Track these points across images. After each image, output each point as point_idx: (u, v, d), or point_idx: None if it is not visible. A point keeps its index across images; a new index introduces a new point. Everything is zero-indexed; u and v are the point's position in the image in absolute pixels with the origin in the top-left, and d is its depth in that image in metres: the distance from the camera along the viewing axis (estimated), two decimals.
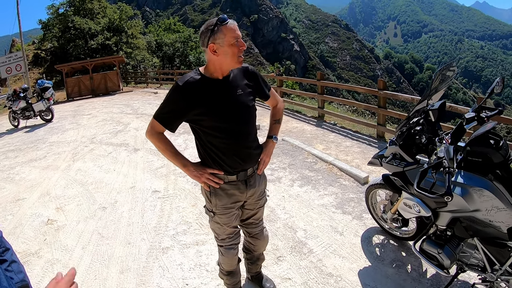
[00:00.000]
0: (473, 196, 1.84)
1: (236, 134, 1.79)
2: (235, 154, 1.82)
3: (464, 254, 2.10)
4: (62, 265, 3.12)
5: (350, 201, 3.88)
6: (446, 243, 2.07)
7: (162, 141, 1.86)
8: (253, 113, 1.89)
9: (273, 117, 2.15)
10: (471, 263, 2.10)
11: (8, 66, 18.69)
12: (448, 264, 2.02)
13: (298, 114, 9.03)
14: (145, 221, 3.79)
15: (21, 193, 5.00)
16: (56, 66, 20.88)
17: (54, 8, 29.12)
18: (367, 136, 6.50)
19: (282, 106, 2.17)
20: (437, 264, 2.08)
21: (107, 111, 12.20)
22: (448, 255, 2.02)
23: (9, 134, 10.24)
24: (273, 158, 5.49)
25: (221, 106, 1.73)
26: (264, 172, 2.13)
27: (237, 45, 1.68)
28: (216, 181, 1.85)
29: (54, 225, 3.91)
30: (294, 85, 24.54)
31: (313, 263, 2.82)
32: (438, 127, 2.24)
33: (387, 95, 6.26)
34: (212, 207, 1.95)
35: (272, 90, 2.08)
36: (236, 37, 1.67)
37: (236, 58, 1.70)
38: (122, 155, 6.36)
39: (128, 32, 29.63)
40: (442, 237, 2.13)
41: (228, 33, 1.65)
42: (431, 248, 2.11)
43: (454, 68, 2.39)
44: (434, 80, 2.24)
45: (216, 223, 2.00)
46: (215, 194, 1.90)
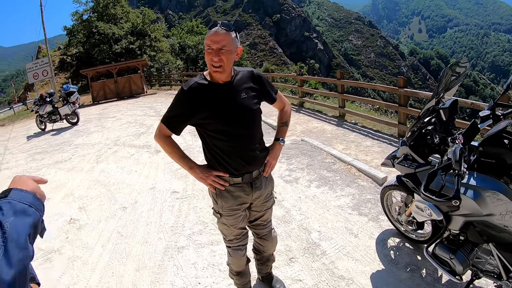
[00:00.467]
0: (486, 199, 1.77)
1: (240, 137, 1.81)
2: (239, 157, 1.84)
3: (479, 260, 2.01)
4: (82, 262, 3.26)
5: (367, 202, 3.82)
6: (459, 248, 1.99)
7: (170, 144, 1.91)
8: (258, 116, 1.91)
9: (281, 120, 2.16)
10: (486, 270, 2.00)
11: (35, 71, 19.46)
12: (461, 270, 1.94)
13: (319, 113, 8.94)
14: (163, 221, 3.88)
15: (46, 194, 5.14)
16: (82, 70, 21.59)
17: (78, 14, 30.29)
18: (388, 135, 6.35)
19: (289, 109, 2.17)
20: (449, 270, 2.00)
21: (131, 113, 12.53)
22: (461, 261, 1.94)
23: (36, 137, 10.70)
24: (292, 159, 5.48)
25: (224, 110, 1.76)
26: (271, 174, 2.14)
27: (209, 53, 1.70)
28: (222, 183, 1.88)
29: (76, 224, 4.08)
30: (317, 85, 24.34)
31: (325, 265, 2.80)
32: (452, 126, 2.16)
33: (407, 93, 6.09)
34: (219, 209, 1.98)
35: (279, 93, 2.09)
36: (208, 45, 1.69)
37: (210, 67, 1.73)
38: (144, 157, 6.52)
39: (152, 36, 30.34)
40: (455, 241, 2.05)
41: (206, 39, 1.70)
42: (443, 253, 2.03)
43: (465, 64, 2.29)
44: (443, 77, 2.16)
45: (223, 224, 2.03)
46: (221, 196, 1.93)
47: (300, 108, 9.89)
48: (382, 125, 6.85)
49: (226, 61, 1.69)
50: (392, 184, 2.83)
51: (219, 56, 1.67)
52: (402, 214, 2.77)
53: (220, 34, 1.66)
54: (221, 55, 1.67)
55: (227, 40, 1.67)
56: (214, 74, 1.75)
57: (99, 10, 30.13)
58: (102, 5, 30.01)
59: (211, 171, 1.88)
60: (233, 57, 1.72)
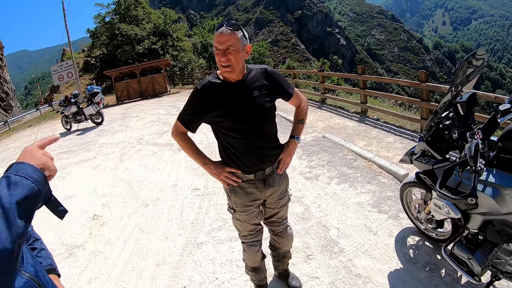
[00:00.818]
0: (506, 197, 1.70)
1: (253, 134, 1.83)
2: (251, 154, 1.87)
3: (499, 260, 1.94)
4: (104, 256, 3.39)
5: (387, 200, 3.76)
6: (478, 248, 1.92)
7: (185, 140, 1.97)
8: (271, 114, 1.92)
9: (297, 117, 2.15)
10: (506, 271, 1.93)
11: (60, 74, 20.14)
12: (479, 271, 1.88)
13: (341, 110, 8.83)
14: (183, 217, 3.96)
15: (71, 191, 5.44)
16: (105, 71, 22.20)
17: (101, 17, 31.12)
18: (410, 131, 6.20)
19: (306, 106, 2.15)
20: (467, 271, 1.94)
21: (154, 112, 12.78)
22: (479, 261, 1.87)
23: (62, 137, 11.05)
24: (312, 156, 5.46)
25: (237, 108, 1.79)
26: (285, 172, 2.14)
27: (216, 54, 1.73)
28: (234, 179, 1.91)
29: (100, 221, 4.23)
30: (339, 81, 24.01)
31: (342, 262, 2.78)
32: (471, 121, 2.09)
33: (429, 87, 5.93)
34: (233, 204, 2.02)
35: (296, 90, 2.08)
36: (215, 46, 1.72)
37: (219, 66, 1.76)
38: (167, 155, 6.65)
39: (174, 36, 30.77)
40: (474, 241, 1.98)
41: (215, 40, 1.72)
42: (461, 252, 1.98)
43: (483, 56, 2.19)
44: (459, 70, 2.08)
45: (237, 220, 2.07)
46: (234, 192, 1.97)
47: (322, 105, 9.81)
48: (404, 120, 6.70)
49: (234, 60, 1.71)
50: (412, 181, 2.77)
51: (227, 56, 1.69)
52: (422, 212, 2.71)
53: (226, 34, 1.68)
54: (228, 55, 1.69)
55: (233, 39, 1.69)
56: (224, 73, 1.78)
57: (121, 12, 30.83)
58: (123, 7, 30.70)
59: (224, 167, 1.92)
60: (241, 56, 1.74)
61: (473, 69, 2.16)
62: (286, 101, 2.05)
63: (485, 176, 1.79)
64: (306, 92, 11.85)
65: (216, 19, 52.24)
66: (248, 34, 1.80)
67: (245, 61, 1.83)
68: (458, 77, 2.09)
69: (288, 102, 2.08)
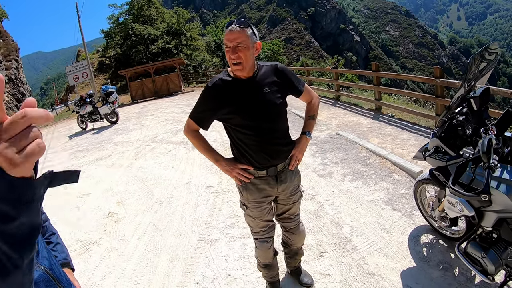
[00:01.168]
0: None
1: (264, 131, 1.85)
2: (263, 151, 1.88)
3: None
4: (118, 253, 3.47)
5: (401, 197, 3.72)
6: (492, 247, 1.89)
7: (197, 138, 1.99)
8: (282, 110, 1.93)
9: (308, 113, 2.15)
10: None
11: (75, 74, 20.48)
12: (493, 270, 1.85)
13: (355, 107, 8.75)
14: (197, 215, 4.02)
15: (87, 189, 5.57)
16: (120, 71, 22.45)
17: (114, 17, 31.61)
18: (425, 128, 6.11)
19: (317, 102, 2.15)
20: (481, 270, 1.91)
21: (168, 111, 12.91)
22: (493, 260, 1.84)
23: (78, 136, 11.33)
24: (326, 153, 5.45)
25: (247, 105, 1.81)
26: (297, 168, 2.15)
27: (227, 52, 1.76)
28: (247, 176, 1.93)
29: (114, 217, 4.32)
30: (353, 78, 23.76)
31: (355, 260, 2.78)
32: (486, 116, 2.05)
33: (444, 83, 5.81)
34: (245, 201, 2.04)
35: (307, 86, 2.08)
36: (225, 43, 1.75)
37: (230, 64, 1.78)
38: (181, 153, 6.73)
39: (187, 35, 31.01)
40: (488, 239, 1.95)
41: (225, 38, 1.75)
42: (474, 251, 1.95)
43: (496, 50, 2.13)
44: (472, 64, 2.03)
45: (249, 216, 2.09)
46: (246, 188, 1.99)
47: (336, 102, 9.74)
48: (419, 117, 6.60)
49: (244, 57, 1.73)
50: (425, 178, 2.74)
51: (236, 53, 1.71)
52: (435, 210, 2.68)
53: (235, 32, 1.71)
54: (238, 52, 1.71)
55: (243, 37, 1.71)
56: (235, 71, 1.80)
57: (134, 12, 31.24)
58: (136, 8, 31.09)
59: (236, 164, 1.94)
60: (251, 53, 1.75)
61: (486, 63, 2.11)
62: (296, 97, 2.06)
63: (499, 173, 1.75)
64: (320, 90, 11.78)
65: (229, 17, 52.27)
66: (261, 32, 1.82)
67: (255, 58, 1.84)
68: (471, 72, 2.04)
69: (299, 98, 2.09)
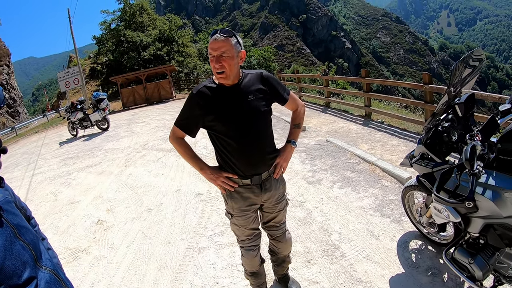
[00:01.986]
0: (506, 200, 1.67)
1: (248, 138, 1.84)
2: (246, 159, 1.87)
3: (501, 265, 1.89)
4: (107, 261, 3.41)
5: (390, 203, 3.72)
6: (479, 253, 1.88)
7: (182, 145, 1.98)
8: (266, 117, 1.92)
9: (293, 122, 2.14)
10: (509, 275, 1.88)
11: (67, 80, 20.27)
12: (480, 276, 1.84)
13: (345, 113, 8.81)
14: (186, 222, 3.97)
15: (76, 196, 5.50)
16: (111, 78, 22.31)
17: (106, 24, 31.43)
18: (415, 133, 6.16)
19: (303, 110, 2.14)
20: (469, 275, 1.90)
21: (159, 118, 12.85)
22: (480, 266, 1.84)
23: (68, 143, 11.21)
24: (315, 160, 5.45)
25: (232, 112, 1.79)
26: (282, 176, 2.14)
27: (211, 61, 1.75)
28: (231, 185, 1.91)
29: (104, 225, 4.26)
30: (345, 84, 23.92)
31: (343, 267, 2.76)
32: (472, 122, 2.06)
33: (432, 89, 5.88)
34: (230, 209, 2.02)
35: (292, 94, 2.08)
36: (210, 53, 1.74)
37: (214, 72, 1.78)
38: (171, 160, 6.67)
39: (179, 41, 30.98)
40: (475, 245, 1.95)
41: (209, 47, 1.74)
42: (462, 257, 1.94)
43: (479, 56, 2.15)
44: (456, 70, 2.05)
45: (235, 225, 2.07)
46: (231, 197, 1.97)
47: (326, 109, 9.80)
48: (408, 123, 6.66)
49: (228, 66, 1.73)
50: (413, 185, 2.74)
51: (220, 63, 1.71)
52: (423, 216, 2.68)
53: (219, 41, 1.70)
54: (222, 62, 1.71)
55: (227, 46, 1.71)
56: (219, 79, 1.80)
57: (126, 18, 31.13)
58: (129, 14, 31.00)
59: (221, 173, 1.92)
60: (235, 62, 1.75)
61: (471, 70, 2.13)
62: (282, 105, 2.05)
63: (484, 179, 1.76)
64: (311, 96, 11.85)
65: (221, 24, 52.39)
66: (253, 39, 1.82)
67: (240, 66, 1.84)
68: (455, 78, 2.06)
69: (285, 107, 2.08)
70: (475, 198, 1.74)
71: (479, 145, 1.77)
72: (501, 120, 1.95)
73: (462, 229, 2.06)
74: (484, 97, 4.91)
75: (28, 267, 0.96)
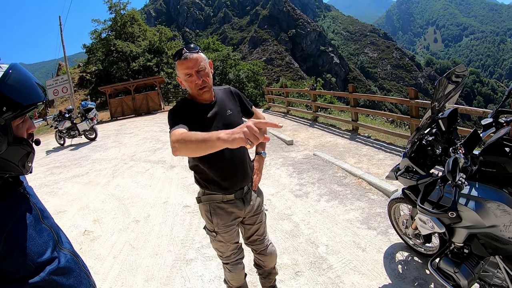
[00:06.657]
0: (488, 210, 1.73)
1: (233, 153, 1.85)
2: (234, 173, 1.90)
3: (486, 273, 1.95)
4: (94, 272, 3.32)
5: (377, 216, 3.77)
6: (464, 262, 1.93)
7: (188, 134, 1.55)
8: None
9: None
10: (494, 284, 1.94)
11: (55, 88, 20.05)
12: (465, 285, 1.88)
13: (333, 128, 8.93)
14: (173, 234, 3.94)
15: (62, 206, 5.39)
16: (100, 88, 22.21)
17: (97, 33, 31.44)
18: (401, 147, 6.27)
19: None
20: (454, 284, 1.94)
21: (148, 129, 12.80)
22: (465, 275, 1.88)
23: (55, 152, 11.03)
24: (303, 173, 5.49)
25: (215, 128, 1.77)
26: (259, 187, 2.18)
27: (191, 80, 1.75)
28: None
29: (90, 236, 4.19)
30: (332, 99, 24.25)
31: (331, 279, 2.77)
32: (455, 136, 2.14)
33: (418, 104, 6.05)
34: (214, 227, 1.99)
35: (254, 107, 2.15)
36: (186, 74, 1.73)
37: (195, 91, 1.78)
38: (159, 172, 6.63)
39: (168, 53, 31.08)
40: (460, 255, 1.99)
41: (180, 69, 1.74)
42: (447, 266, 1.98)
43: (462, 72, 2.24)
44: (439, 86, 2.13)
45: (220, 242, 2.04)
46: (215, 214, 1.96)
47: (313, 123, 9.91)
48: (395, 137, 6.78)
49: (208, 79, 1.77)
50: (399, 197, 2.80)
51: (202, 78, 1.74)
52: (409, 227, 2.73)
53: (193, 59, 1.71)
54: (202, 76, 1.74)
55: (200, 59, 1.74)
56: (203, 95, 1.80)
57: (117, 28, 31.22)
58: (119, 24, 31.10)
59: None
60: (210, 73, 1.81)
61: (454, 85, 2.21)
62: (248, 119, 2.05)
63: (467, 190, 1.82)
64: (299, 111, 11.98)
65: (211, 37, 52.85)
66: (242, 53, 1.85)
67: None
68: (439, 93, 2.14)
69: (250, 120, 2.08)
70: (459, 208, 1.79)
71: (462, 157, 1.84)
72: (483, 133, 2.03)
73: (447, 239, 2.11)
74: (469, 112, 5.05)
75: (51, 248, 1.06)
